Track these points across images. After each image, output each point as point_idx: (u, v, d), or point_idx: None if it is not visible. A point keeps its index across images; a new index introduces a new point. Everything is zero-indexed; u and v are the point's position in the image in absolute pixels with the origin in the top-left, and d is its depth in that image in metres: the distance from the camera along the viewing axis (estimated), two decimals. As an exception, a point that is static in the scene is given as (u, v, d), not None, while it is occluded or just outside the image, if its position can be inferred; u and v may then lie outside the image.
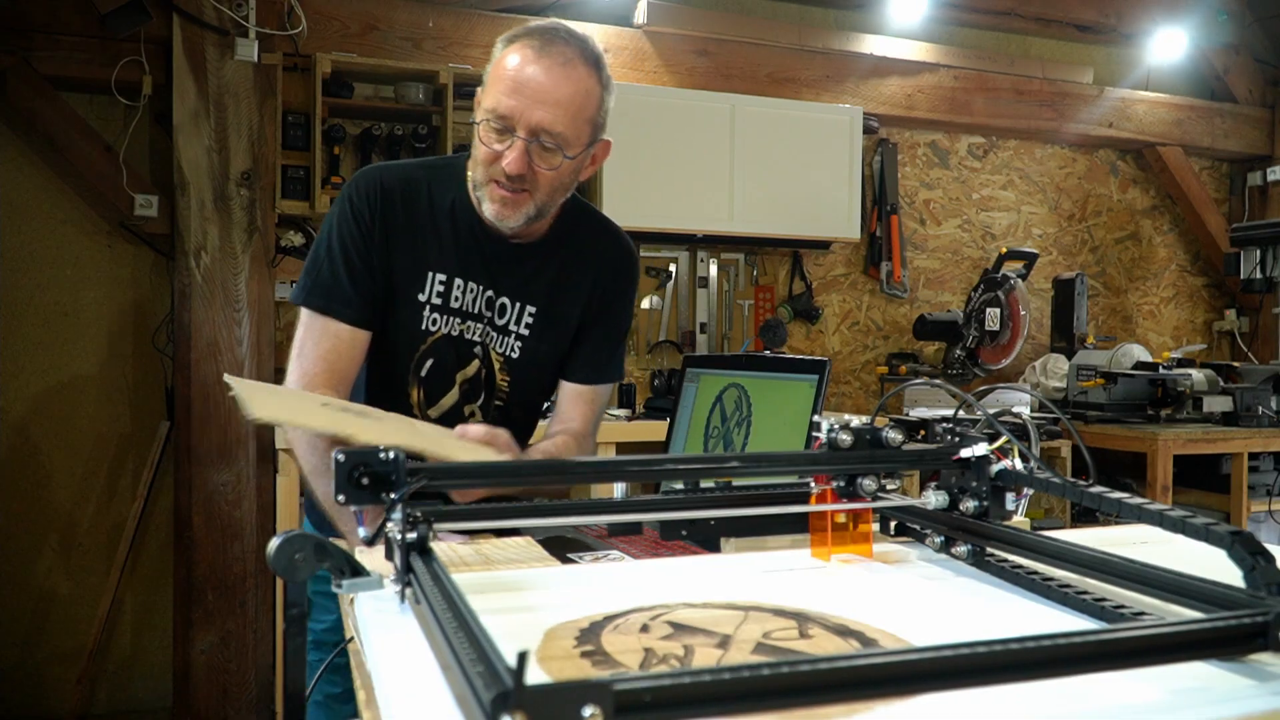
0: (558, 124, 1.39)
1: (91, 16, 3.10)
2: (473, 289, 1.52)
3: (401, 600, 0.85)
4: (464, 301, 1.52)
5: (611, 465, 0.98)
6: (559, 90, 1.39)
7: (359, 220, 1.47)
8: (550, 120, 1.38)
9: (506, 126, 1.39)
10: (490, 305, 1.54)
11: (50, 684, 3.25)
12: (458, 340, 1.53)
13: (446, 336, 1.53)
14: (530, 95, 1.38)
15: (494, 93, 1.40)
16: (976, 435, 1.03)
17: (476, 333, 1.54)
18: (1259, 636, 0.65)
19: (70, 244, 3.31)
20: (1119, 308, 4.93)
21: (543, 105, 1.38)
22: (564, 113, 1.39)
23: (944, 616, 0.85)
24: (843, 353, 4.38)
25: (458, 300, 1.52)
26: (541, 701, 0.46)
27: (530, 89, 1.38)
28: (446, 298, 1.51)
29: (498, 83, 1.40)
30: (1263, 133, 4.98)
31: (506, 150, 1.39)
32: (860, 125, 3.98)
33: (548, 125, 1.38)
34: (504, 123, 1.39)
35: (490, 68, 1.44)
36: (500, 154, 1.40)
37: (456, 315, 1.52)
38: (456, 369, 1.55)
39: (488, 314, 1.54)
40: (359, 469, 0.87)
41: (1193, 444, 3.55)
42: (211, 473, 3.14)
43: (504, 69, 1.40)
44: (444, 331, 1.52)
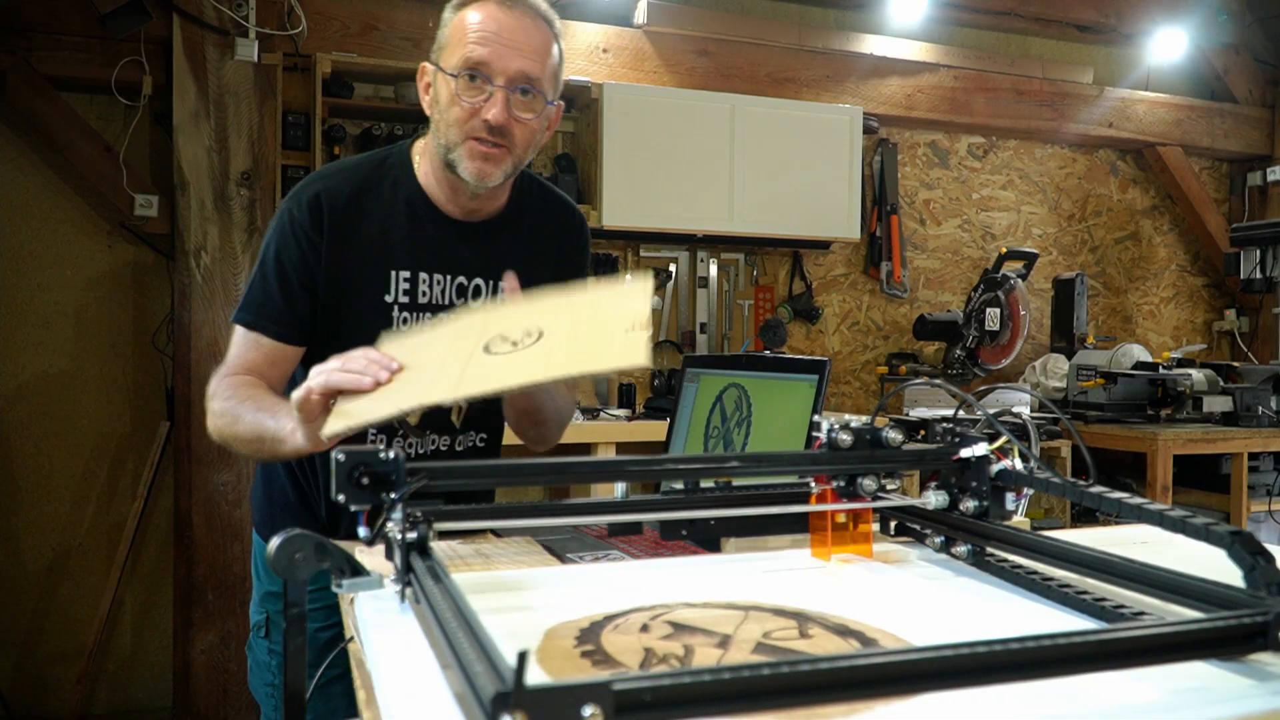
0: (535, 70, 1.38)
1: (91, 16, 3.10)
2: (439, 280, 1.49)
3: (401, 600, 0.85)
4: (432, 295, 1.49)
5: (611, 465, 0.98)
6: (533, 38, 1.38)
7: (298, 236, 1.43)
8: (529, 66, 1.37)
9: (483, 77, 1.36)
10: (462, 292, 1.51)
11: (50, 684, 3.25)
12: None
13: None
14: (506, 43, 1.36)
15: (462, 47, 1.37)
16: (976, 435, 1.03)
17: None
18: (1259, 636, 0.65)
19: (70, 244, 3.31)
20: (1119, 308, 4.93)
21: (519, 52, 1.37)
22: (540, 60, 1.38)
23: (944, 616, 0.85)
24: (843, 353, 4.38)
25: (425, 295, 1.49)
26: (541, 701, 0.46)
27: (505, 37, 1.36)
28: (414, 294, 1.48)
29: (465, 37, 1.37)
30: (1263, 133, 4.98)
31: (485, 103, 1.37)
32: (860, 125, 3.98)
33: (526, 71, 1.37)
34: (480, 72, 1.36)
35: (447, 30, 1.41)
36: (476, 109, 1.37)
37: (427, 310, 1.49)
38: None
39: (460, 301, 1.52)
40: (359, 469, 0.87)
41: (1193, 444, 3.55)
42: (211, 473, 3.14)
43: (470, 24, 1.38)
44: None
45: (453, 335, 1.19)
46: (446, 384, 1.08)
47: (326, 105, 3.34)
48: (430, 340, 1.22)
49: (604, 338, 1.09)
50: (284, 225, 1.44)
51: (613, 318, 1.11)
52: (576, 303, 1.20)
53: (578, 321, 1.14)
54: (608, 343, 1.08)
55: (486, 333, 1.15)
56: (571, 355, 1.08)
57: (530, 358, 1.08)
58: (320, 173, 1.51)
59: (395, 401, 1.09)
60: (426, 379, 1.12)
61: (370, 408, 1.10)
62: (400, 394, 1.11)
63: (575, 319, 1.15)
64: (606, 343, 1.08)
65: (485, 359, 1.10)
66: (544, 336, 1.11)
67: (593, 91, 3.60)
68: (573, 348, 1.09)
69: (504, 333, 1.15)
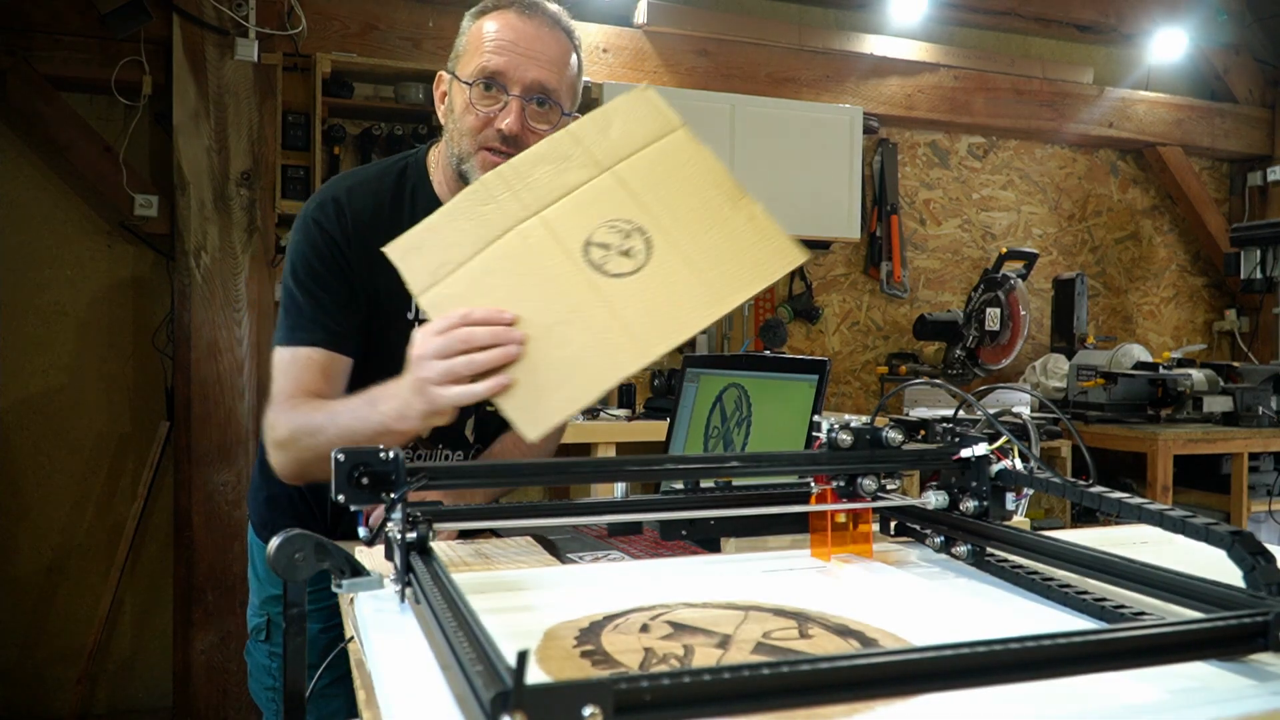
0: (552, 80, 1.36)
1: (91, 16, 3.10)
2: None
3: (401, 600, 0.85)
4: None
5: (611, 465, 0.98)
6: (550, 48, 1.36)
7: (328, 245, 1.37)
8: (545, 76, 1.35)
9: (499, 86, 1.34)
10: None
11: (50, 684, 3.25)
12: None
13: None
14: (523, 52, 1.34)
15: (479, 55, 1.35)
16: (976, 435, 1.03)
17: None
18: (1259, 636, 0.65)
19: (70, 244, 3.31)
20: (1119, 308, 4.93)
21: (536, 62, 1.34)
22: (557, 70, 1.36)
23: (944, 616, 0.85)
24: (843, 353, 4.38)
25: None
26: (541, 701, 0.46)
27: (522, 46, 1.34)
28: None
29: (482, 45, 1.35)
30: (1263, 133, 4.98)
31: (500, 111, 1.34)
32: (860, 125, 3.98)
33: (543, 81, 1.35)
34: (496, 81, 1.34)
35: (465, 38, 1.39)
36: (491, 118, 1.35)
37: None
38: None
39: None
40: (359, 469, 0.87)
41: (1193, 444, 3.55)
42: (211, 473, 3.14)
43: (487, 33, 1.36)
44: None
45: (530, 259, 1.10)
46: (622, 344, 1.02)
47: (326, 105, 3.34)
48: (499, 273, 1.11)
49: (724, 223, 1.06)
50: (310, 235, 1.39)
51: (702, 188, 1.08)
52: (638, 168, 1.13)
53: (674, 204, 1.09)
54: (740, 233, 1.05)
55: (566, 244, 1.08)
56: (719, 267, 1.03)
57: (677, 279, 1.02)
58: (340, 181, 1.45)
59: (592, 378, 1.03)
60: (578, 335, 1.05)
61: (563, 392, 1.04)
62: (586, 365, 1.04)
63: (663, 196, 1.10)
64: (743, 237, 1.05)
65: (620, 287, 1.04)
66: (652, 233, 1.07)
67: (593, 91, 3.60)
68: (711, 253, 1.04)
69: (591, 238, 1.09)
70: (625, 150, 1.15)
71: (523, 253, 1.11)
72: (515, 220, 1.13)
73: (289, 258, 1.41)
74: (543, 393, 1.06)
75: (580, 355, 1.06)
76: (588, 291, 1.07)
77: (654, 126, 1.15)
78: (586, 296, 1.07)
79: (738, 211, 1.10)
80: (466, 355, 1.10)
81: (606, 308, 1.05)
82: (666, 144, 1.14)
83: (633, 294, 1.06)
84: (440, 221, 1.16)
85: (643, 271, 1.06)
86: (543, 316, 1.08)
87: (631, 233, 1.08)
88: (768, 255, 1.07)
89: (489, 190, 1.15)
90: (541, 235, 1.11)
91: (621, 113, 1.17)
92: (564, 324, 1.07)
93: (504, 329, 1.09)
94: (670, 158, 1.14)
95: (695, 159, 1.13)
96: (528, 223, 1.13)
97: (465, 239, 1.14)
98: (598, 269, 1.07)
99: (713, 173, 1.13)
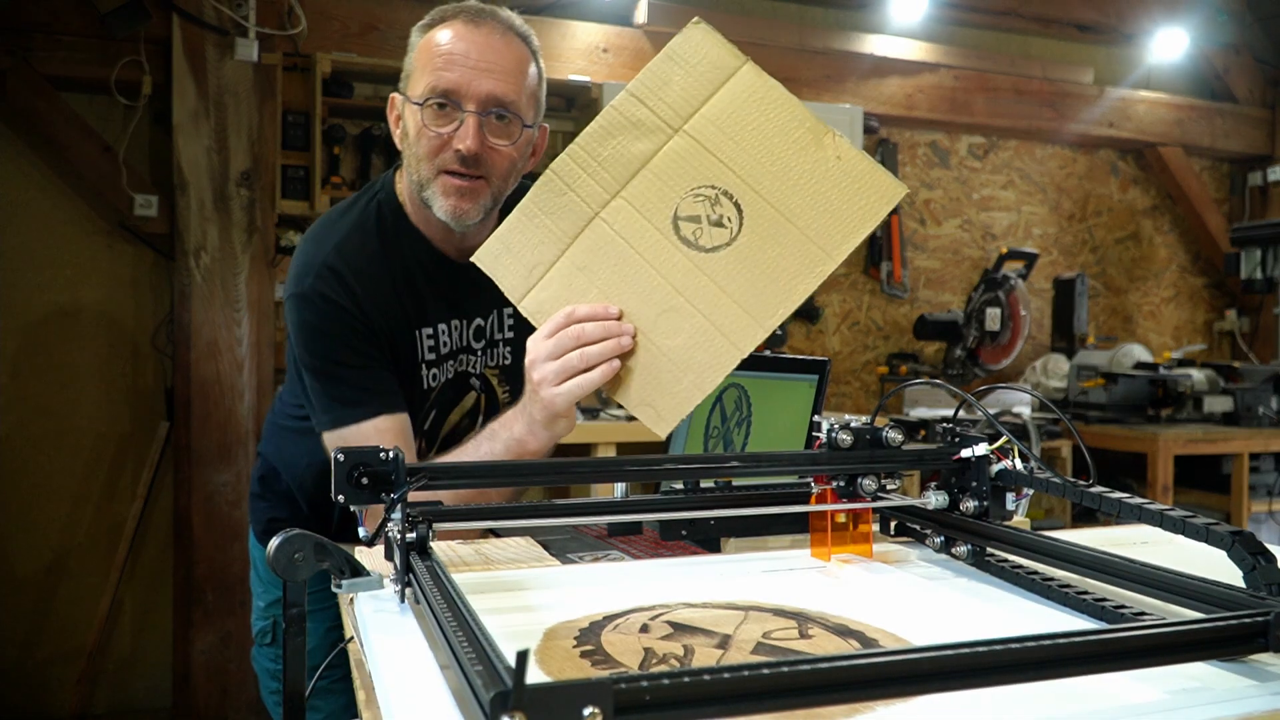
0: (509, 92, 1.27)
1: (91, 16, 3.10)
2: (457, 326, 1.43)
3: (401, 600, 0.85)
4: (452, 343, 1.43)
5: (611, 465, 0.98)
6: (504, 58, 1.28)
7: (344, 315, 1.30)
8: (501, 89, 1.27)
9: (452, 103, 1.26)
10: (480, 334, 1.46)
11: (50, 684, 3.24)
12: (453, 380, 1.45)
13: (444, 384, 1.44)
14: (474, 65, 1.26)
15: (428, 73, 1.27)
16: (977, 435, 1.03)
17: (467, 363, 1.47)
18: (1259, 636, 0.65)
19: (70, 244, 3.31)
20: (1119, 308, 4.93)
21: (489, 74, 1.26)
22: (514, 80, 1.28)
23: (944, 616, 0.85)
24: (843, 353, 4.38)
25: (446, 345, 1.42)
26: (541, 701, 0.46)
27: (473, 58, 1.26)
28: (438, 348, 1.41)
29: (431, 62, 1.27)
30: (1263, 133, 4.97)
31: (456, 131, 1.26)
32: (860, 125, 3.98)
33: (499, 94, 1.27)
34: (449, 99, 1.26)
35: (413, 55, 1.31)
36: (448, 139, 1.27)
37: (450, 359, 1.43)
38: (454, 407, 1.48)
39: (479, 343, 1.46)
40: (358, 469, 0.87)
41: (1193, 444, 3.55)
42: (211, 473, 3.14)
43: (435, 48, 1.28)
44: (442, 381, 1.44)
45: (621, 248, 1.06)
46: (736, 322, 0.98)
47: (326, 105, 3.34)
48: (593, 267, 1.07)
49: (814, 167, 0.98)
50: (321, 311, 1.30)
51: (781, 131, 1.00)
52: (710, 121, 1.05)
53: (756, 155, 1.02)
54: (833, 175, 0.98)
55: (655, 223, 1.03)
56: (818, 217, 0.96)
57: (778, 239, 0.96)
58: (322, 243, 1.35)
59: (711, 362, 0.99)
60: (688, 321, 1.02)
61: (685, 381, 1.00)
62: (702, 350, 1.00)
63: (744, 149, 1.02)
64: (837, 179, 0.98)
65: (720, 261, 0.99)
66: (739, 195, 1.01)
67: (593, 91, 3.59)
68: (806, 203, 0.98)
69: (678, 211, 1.03)
70: (693, 104, 1.07)
71: (612, 242, 1.07)
72: (597, 206, 1.08)
73: (303, 341, 1.32)
74: (663, 386, 1.04)
75: (694, 341, 1.03)
76: (688, 272, 1.02)
77: (717, 69, 1.06)
78: (689, 278, 1.02)
79: (824, 150, 1.01)
80: (578, 350, 1.07)
81: (712, 286, 1.01)
82: (734, 87, 1.05)
83: (735, 266, 1.01)
84: (521, 220, 1.12)
85: (739, 240, 1.01)
86: (648, 307, 1.05)
87: (719, 198, 1.03)
88: (867, 194, 0.99)
89: (562, 178, 1.10)
90: (627, 218, 1.07)
91: (679, 60, 1.09)
92: (671, 311, 1.04)
93: (613, 323, 1.07)
94: (741, 103, 1.05)
95: (766, 99, 1.05)
96: (610, 206, 1.08)
97: (551, 236, 1.10)
98: (693, 246, 1.02)
99: (788, 111, 1.04)
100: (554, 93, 3.71)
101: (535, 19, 3.66)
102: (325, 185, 3.33)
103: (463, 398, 1.49)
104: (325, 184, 3.33)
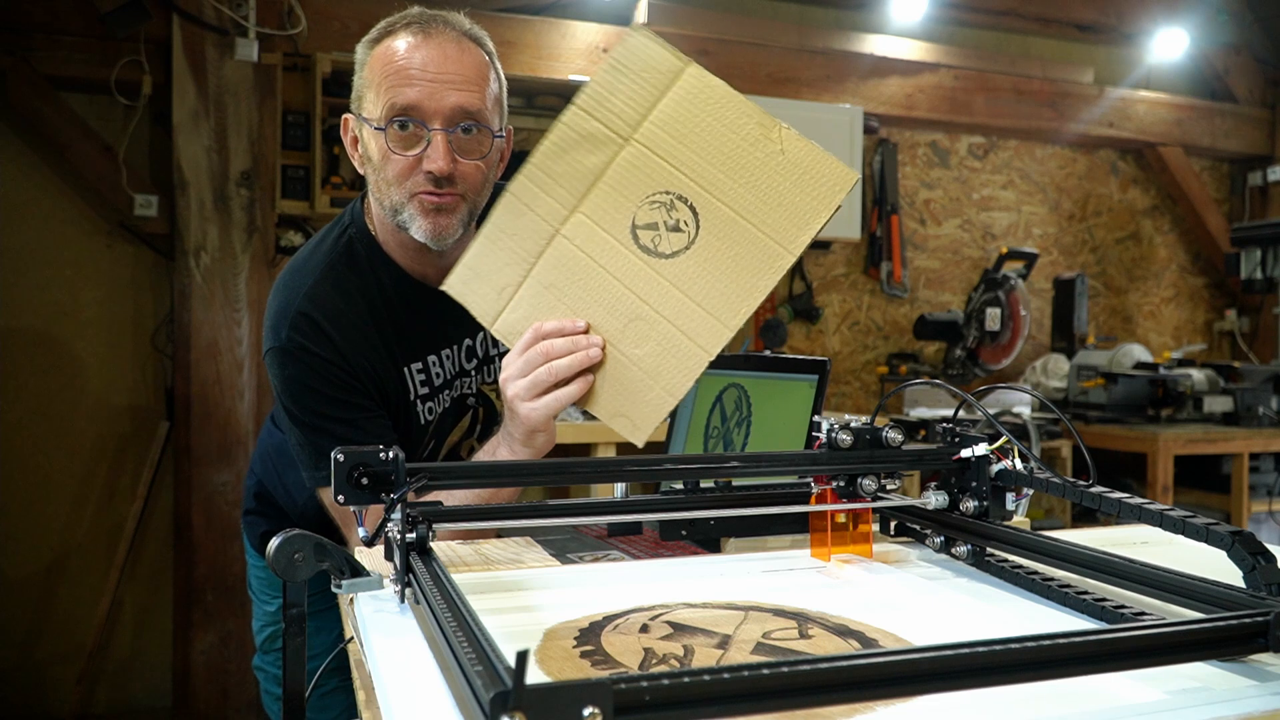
0: (473, 102, 1.21)
1: (91, 16, 3.10)
2: (449, 355, 1.39)
3: (401, 600, 0.85)
4: (444, 373, 1.39)
5: (612, 465, 0.98)
6: (464, 67, 1.21)
7: (324, 367, 1.25)
8: (465, 100, 1.21)
9: (416, 123, 1.20)
10: (471, 354, 1.43)
11: (50, 684, 3.24)
12: (451, 408, 1.43)
13: (441, 414, 1.42)
14: (434, 79, 1.19)
15: (385, 91, 1.20)
16: (976, 435, 1.02)
17: (463, 386, 1.44)
18: (1259, 636, 0.65)
19: (70, 244, 3.31)
20: (1119, 308, 4.93)
21: (450, 86, 1.20)
22: (475, 89, 1.22)
23: (944, 616, 0.85)
24: (843, 353, 4.37)
25: (439, 376, 1.38)
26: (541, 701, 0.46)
27: (431, 72, 1.19)
28: (429, 381, 1.37)
29: (386, 80, 1.20)
30: (1263, 133, 4.98)
31: (424, 151, 1.20)
32: (860, 125, 3.98)
33: (464, 105, 1.21)
34: (411, 117, 1.20)
35: (364, 73, 1.25)
36: (416, 160, 1.21)
37: (444, 389, 1.40)
38: (453, 429, 1.46)
39: (470, 364, 1.43)
40: (358, 469, 0.87)
41: (1193, 444, 3.55)
42: (211, 473, 3.14)
43: (389, 63, 1.21)
44: (439, 413, 1.41)
45: (583, 263, 1.06)
46: (700, 326, 0.98)
47: (326, 105, 3.34)
48: (558, 284, 1.07)
49: (764, 162, 0.98)
50: (301, 364, 1.25)
51: (730, 129, 1.00)
52: (659, 127, 1.06)
53: (706, 156, 1.03)
54: (784, 167, 0.98)
55: (614, 234, 1.03)
56: (772, 212, 0.97)
57: (735, 238, 0.96)
58: (293, 290, 1.29)
59: (680, 367, 1.00)
60: (653, 329, 1.02)
61: (656, 389, 1.00)
62: (671, 356, 1.01)
63: (694, 151, 1.03)
64: (787, 172, 0.98)
65: (680, 266, 0.99)
66: (693, 197, 1.01)
67: (593, 91, 3.59)
68: (759, 199, 0.99)
69: (635, 220, 1.04)
70: (640, 111, 1.08)
71: (574, 257, 1.08)
72: (556, 223, 1.09)
73: (288, 396, 1.27)
74: (636, 395, 1.05)
75: (662, 348, 1.04)
76: (651, 280, 1.03)
77: (661, 74, 1.07)
78: (651, 286, 1.04)
79: (773, 144, 1.03)
80: (546, 365, 1.08)
81: (675, 292, 1.02)
82: (680, 90, 1.07)
83: (695, 269, 1.02)
84: (486, 244, 1.13)
85: (697, 243, 1.02)
86: (614, 318, 1.06)
87: (674, 203, 1.04)
88: (819, 185, 1.00)
89: (521, 199, 1.11)
90: (587, 232, 1.08)
91: (623, 68, 1.09)
92: (637, 320, 1.05)
93: (579, 336, 1.07)
94: (687, 105, 1.07)
95: (713, 99, 1.06)
96: (570, 222, 1.09)
97: (515, 256, 1.11)
98: (653, 253, 1.04)
99: (735, 108, 1.06)
100: (554, 93, 3.72)
101: (535, 19, 3.67)
102: (325, 185, 3.33)
103: (461, 419, 1.47)
104: (325, 184, 3.33)
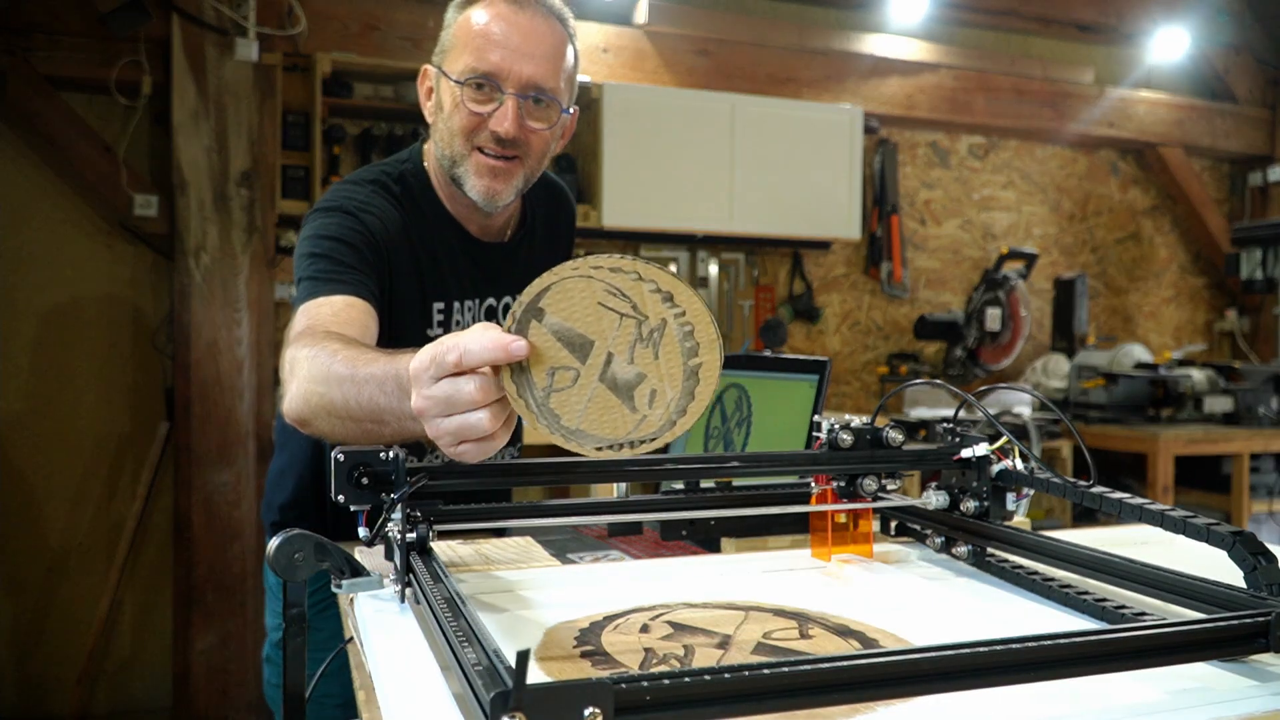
0: (549, 78, 1.28)
1: (91, 16, 3.10)
2: (470, 306, 1.41)
3: (401, 600, 0.85)
4: (464, 321, 1.41)
5: (612, 465, 0.97)
6: (545, 43, 1.28)
7: (362, 227, 1.27)
8: (541, 74, 1.27)
9: (493, 85, 1.26)
10: (491, 314, 1.44)
11: (50, 684, 3.24)
12: None
13: None
14: (516, 47, 1.26)
15: (469, 52, 1.27)
16: (977, 436, 1.02)
17: None
18: (1260, 637, 0.65)
19: (69, 244, 3.31)
20: (1119, 308, 4.93)
21: (531, 58, 1.27)
22: (553, 66, 1.29)
23: (944, 616, 0.85)
24: (843, 353, 4.37)
25: (458, 323, 1.40)
26: (541, 701, 0.46)
27: (515, 41, 1.26)
28: (448, 325, 1.39)
29: (472, 41, 1.27)
30: (1263, 133, 4.98)
31: (494, 111, 1.27)
32: (860, 125, 3.98)
33: (539, 79, 1.27)
34: (490, 80, 1.26)
35: (452, 31, 1.31)
36: (484, 118, 1.27)
37: None
38: None
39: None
40: (359, 469, 0.87)
41: (1194, 444, 3.55)
42: (211, 473, 3.13)
43: (477, 27, 1.28)
44: None
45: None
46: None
47: (326, 105, 3.34)
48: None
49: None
50: (344, 216, 1.27)
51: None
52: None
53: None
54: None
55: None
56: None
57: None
58: (340, 190, 1.33)
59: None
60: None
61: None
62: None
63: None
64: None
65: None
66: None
67: (593, 91, 3.59)
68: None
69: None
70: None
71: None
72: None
73: (313, 231, 1.28)
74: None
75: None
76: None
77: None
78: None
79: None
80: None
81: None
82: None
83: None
84: None
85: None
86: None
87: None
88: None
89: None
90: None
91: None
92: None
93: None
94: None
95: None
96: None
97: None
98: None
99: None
100: (554, 93, 3.72)
101: (535, 19, 3.66)
102: (325, 185, 3.33)
103: None
104: (325, 184, 3.33)
